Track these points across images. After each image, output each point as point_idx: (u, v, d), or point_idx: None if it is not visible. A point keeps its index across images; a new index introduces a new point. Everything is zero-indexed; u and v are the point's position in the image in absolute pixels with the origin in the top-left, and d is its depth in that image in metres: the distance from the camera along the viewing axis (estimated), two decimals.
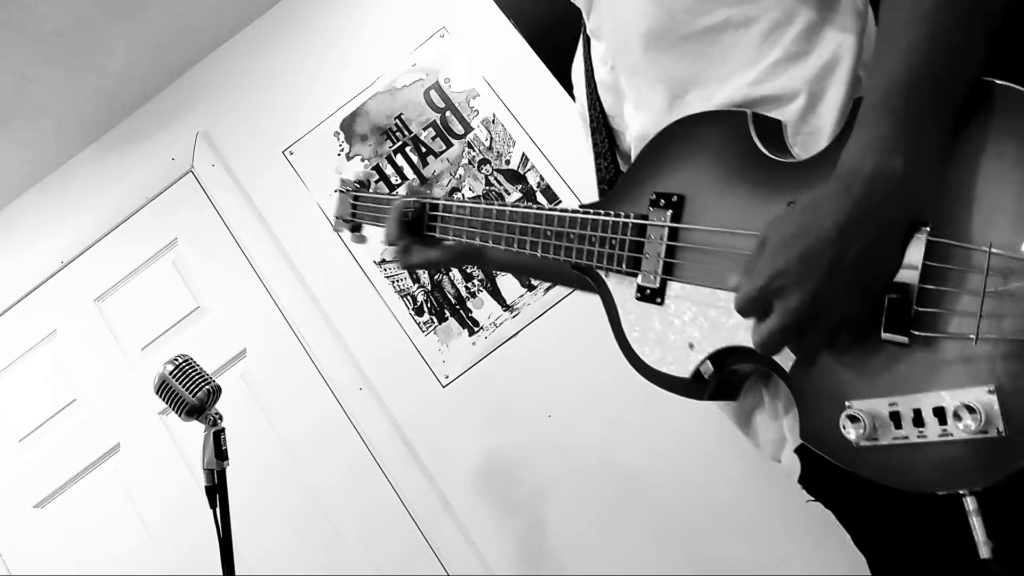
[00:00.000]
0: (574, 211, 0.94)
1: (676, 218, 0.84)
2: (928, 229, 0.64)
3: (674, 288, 0.84)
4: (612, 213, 0.90)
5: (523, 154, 2.19)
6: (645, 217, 0.86)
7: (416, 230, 1.13)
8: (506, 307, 2.15)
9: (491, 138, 2.23)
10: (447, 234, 1.10)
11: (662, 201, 0.85)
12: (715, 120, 0.81)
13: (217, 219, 2.36)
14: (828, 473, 0.77)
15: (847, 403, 0.69)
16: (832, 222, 0.64)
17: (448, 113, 2.27)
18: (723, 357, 0.80)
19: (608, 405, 2.04)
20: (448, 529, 2.08)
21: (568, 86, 2.15)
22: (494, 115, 2.23)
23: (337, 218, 1.34)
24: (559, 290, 2.12)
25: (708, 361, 0.81)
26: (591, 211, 0.92)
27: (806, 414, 0.73)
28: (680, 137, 0.84)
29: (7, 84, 2.02)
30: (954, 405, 0.62)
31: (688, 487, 1.98)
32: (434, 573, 2.07)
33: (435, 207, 1.12)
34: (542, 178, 2.16)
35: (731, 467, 1.95)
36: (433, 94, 2.28)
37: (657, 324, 0.86)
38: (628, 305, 0.90)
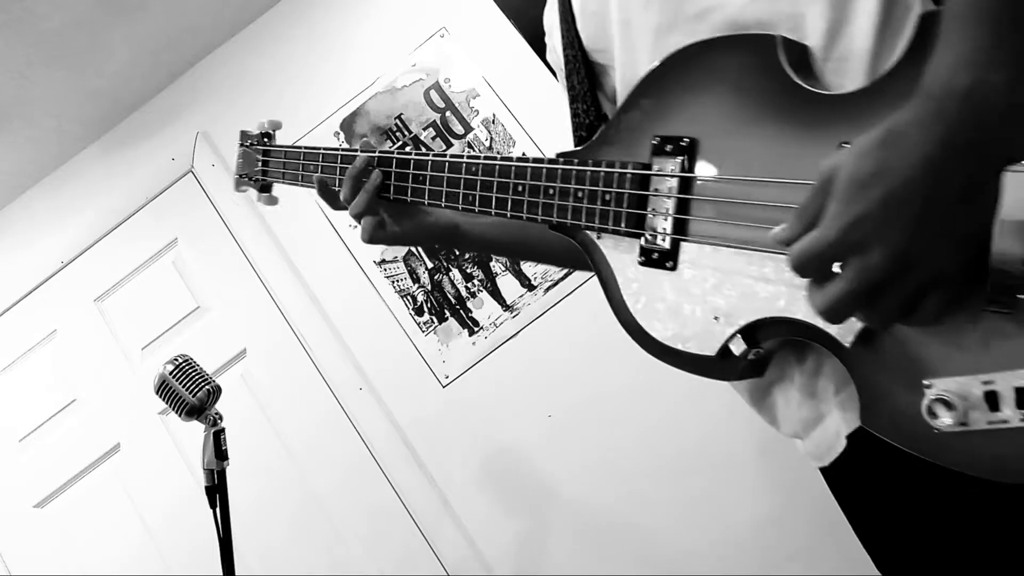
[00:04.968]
0: (551, 160, 0.80)
1: (688, 166, 0.70)
2: None
3: (688, 250, 0.71)
4: (604, 163, 0.75)
5: (523, 153, 2.19)
6: (648, 166, 0.72)
7: (381, 194, 0.96)
8: (506, 307, 2.15)
9: (491, 138, 2.23)
10: (419, 197, 0.92)
11: (668, 147, 0.71)
12: (732, 46, 0.68)
13: (217, 219, 2.36)
14: (880, 463, 0.68)
15: (926, 382, 0.57)
16: (922, 155, 0.51)
17: (448, 113, 2.27)
18: (756, 330, 0.67)
19: (608, 405, 2.04)
20: (448, 529, 2.08)
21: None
22: (494, 115, 2.23)
23: (239, 176, 1.17)
24: (559, 290, 2.12)
25: (739, 336, 0.68)
26: (575, 161, 0.78)
27: (872, 396, 0.61)
28: (687, 68, 0.70)
29: (7, 84, 2.02)
30: None
31: (688, 487, 1.98)
32: (434, 573, 2.07)
33: (406, 164, 0.93)
34: None
35: (731, 467, 1.95)
36: (433, 94, 2.29)
37: (669, 293, 0.72)
38: (628, 272, 0.76)
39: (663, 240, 0.72)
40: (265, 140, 1.16)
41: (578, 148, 0.81)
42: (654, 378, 2.00)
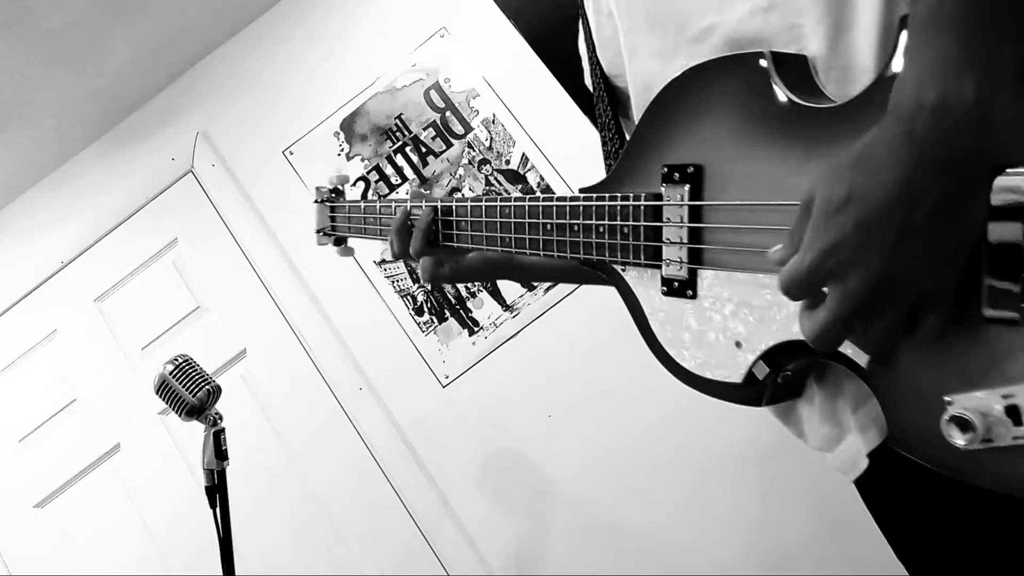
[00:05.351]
0: (573, 198, 0.81)
1: (695, 194, 0.70)
2: None
3: (706, 277, 0.71)
4: (619, 196, 0.76)
5: (523, 154, 2.19)
6: (659, 197, 0.73)
7: (431, 241, 1.00)
8: (506, 307, 2.15)
9: (491, 138, 2.23)
10: (465, 242, 0.96)
11: (676, 175, 0.71)
12: (725, 68, 0.67)
13: (217, 219, 2.36)
14: (911, 476, 0.66)
15: (947, 399, 0.55)
16: (894, 177, 0.50)
17: (448, 113, 2.27)
18: (779, 355, 0.67)
19: (608, 405, 2.04)
20: (448, 529, 2.08)
21: (572, 88, 2.17)
22: (494, 115, 2.23)
23: (318, 232, 1.23)
24: (559, 290, 2.12)
25: (761, 361, 0.67)
26: (594, 196, 0.79)
27: (895, 416, 0.59)
28: (686, 94, 0.70)
29: (7, 84, 2.02)
30: None
31: (688, 487, 1.98)
32: (434, 573, 2.07)
33: (450, 211, 0.96)
34: (542, 178, 2.16)
35: (731, 467, 1.95)
36: (433, 94, 2.28)
37: (692, 322, 0.73)
38: (654, 303, 0.77)
39: (680, 270, 0.72)
40: (333, 196, 1.21)
41: (599, 182, 0.82)
42: (654, 378, 2.00)
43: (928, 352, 0.56)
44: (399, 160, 2.28)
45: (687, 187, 0.70)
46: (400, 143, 2.29)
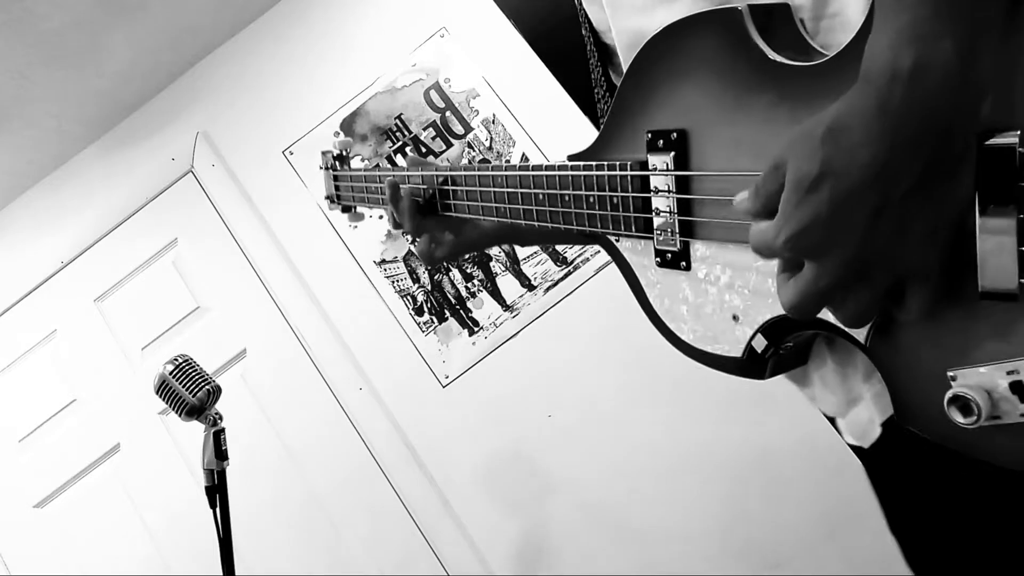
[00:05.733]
0: (561, 166, 0.78)
1: (681, 162, 0.66)
2: (1020, 135, 0.45)
3: (699, 248, 0.68)
4: (606, 165, 0.73)
5: (523, 154, 2.19)
6: (645, 164, 0.69)
7: (428, 211, 0.97)
8: (506, 307, 2.15)
9: (491, 138, 2.23)
10: (464, 212, 0.93)
11: (660, 141, 0.67)
12: (703, 25, 0.62)
13: (217, 219, 2.36)
14: (921, 451, 0.64)
15: (950, 373, 0.53)
16: (870, 153, 0.46)
17: (448, 113, 2.27)
18: (777, 328, 0.64)
19: (608, 405, 2.04)
20: (448, 529, 2.08)
21: (572, 88, 2.17)
22: (494, 115, 2.23)
23: (326, 198, 1.23)
24: (559, 290, 2.12)
25: (760, 335, 0.65)
26: (580, 165, 0.76)
27: (899, 392, 0.57)
28: (664, 54, 0.66)
29: (7, 84, 2.02)
30: None
31: (687, 487, 1.98)
32: (434, 573, 2.07)
33: (449, 181, 0.94)
34: None
35: (731, 467, 1.95)
36: (433, 94, 2.28)
37: (689, 294, 0.70)
38: (650, 274, 0.73)
39: (674, 241, 0.69)
40: (337, 163, 1.19)
41: (585, 150, 0.79)
42: (654, 378, 2.00)
43: (925, 328, 0.53)
44: (399, 160, 2.28)
45: (672, 154, 0.66)
46: (400, 143, 2.29)
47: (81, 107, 2.29)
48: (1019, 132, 0.45)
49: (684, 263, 0.69)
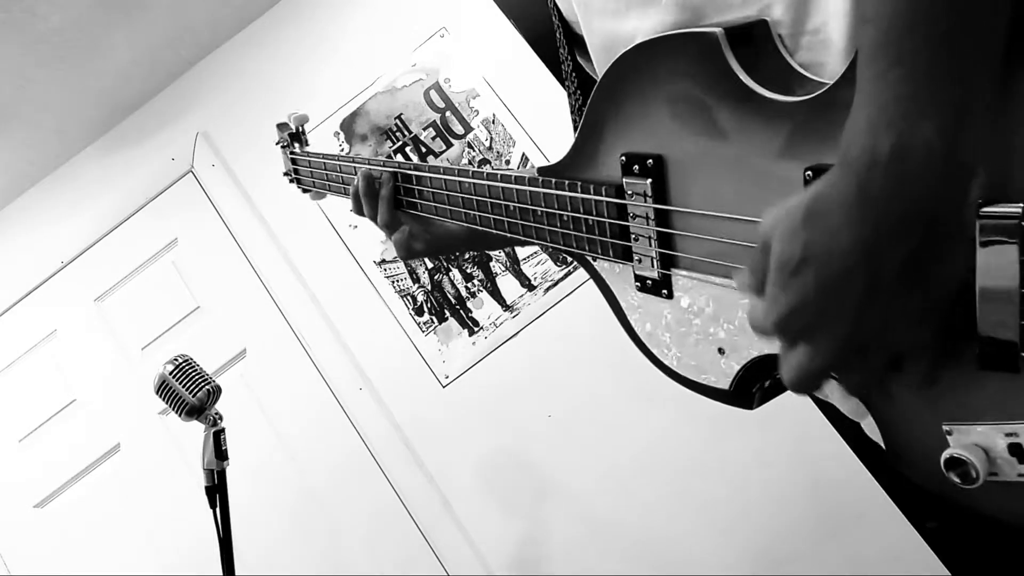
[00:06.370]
0: (532, 181, 0.74)
1: (659, 190, 0.63)
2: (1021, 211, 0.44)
3: (681, 278, 0.65)
4: (579, 186, 0.69)
5: (523, 154, 2.19)
6: (620, 189, 0.66)
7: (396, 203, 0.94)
8: (506, 307, 2.15)
9: (491, 138, 2.23)
10: (430, 212, 0.89)
11: (635, 166, 0.64)
12: (675, 49, 0.58)
13: (217, 219, 2.36)
14: None
15: (945, 427, 0.51)
16: (851, 239, 0.45)
17: (448, 113, 2.27)
18: (765, 364, 0.62)
19: (608, 405, 2.04)
20: (448, 529, 2.08)
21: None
22: (494, 115, 2.23)
23: (284, 175, 1.18)
24: (559, 290, 2.12)
25: (747, 370, 0.63)
26: (552, 180, 0.72)
27: (893, 438, 0.56)
28: (637, 75, 0.62)
29: (7, 84, 2.02)
30: None
31: (687, 487, 1.97)
32: (434, 573, 2.07)
33: (410, 179, 0.89)
34: None
35: (732, 468, 1.95)
36: (433, 94, 2.28)
37: (671, 321, 0.68)
38: (629, 296, 0.71)
39: (653, 270, 0.67)
40: (294, 142, 1.15)
41: (558, 162, 0.74)
42: (654, 378, 2.00)
43: (921, 391, 0.53)
44: (399, 160, 2.28)
45: (649, 181, 0.63)
46: (400, 143, 2.29)
47: (81, 107, 2.29)
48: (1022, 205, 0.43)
49: (666, 291, 0.67)
